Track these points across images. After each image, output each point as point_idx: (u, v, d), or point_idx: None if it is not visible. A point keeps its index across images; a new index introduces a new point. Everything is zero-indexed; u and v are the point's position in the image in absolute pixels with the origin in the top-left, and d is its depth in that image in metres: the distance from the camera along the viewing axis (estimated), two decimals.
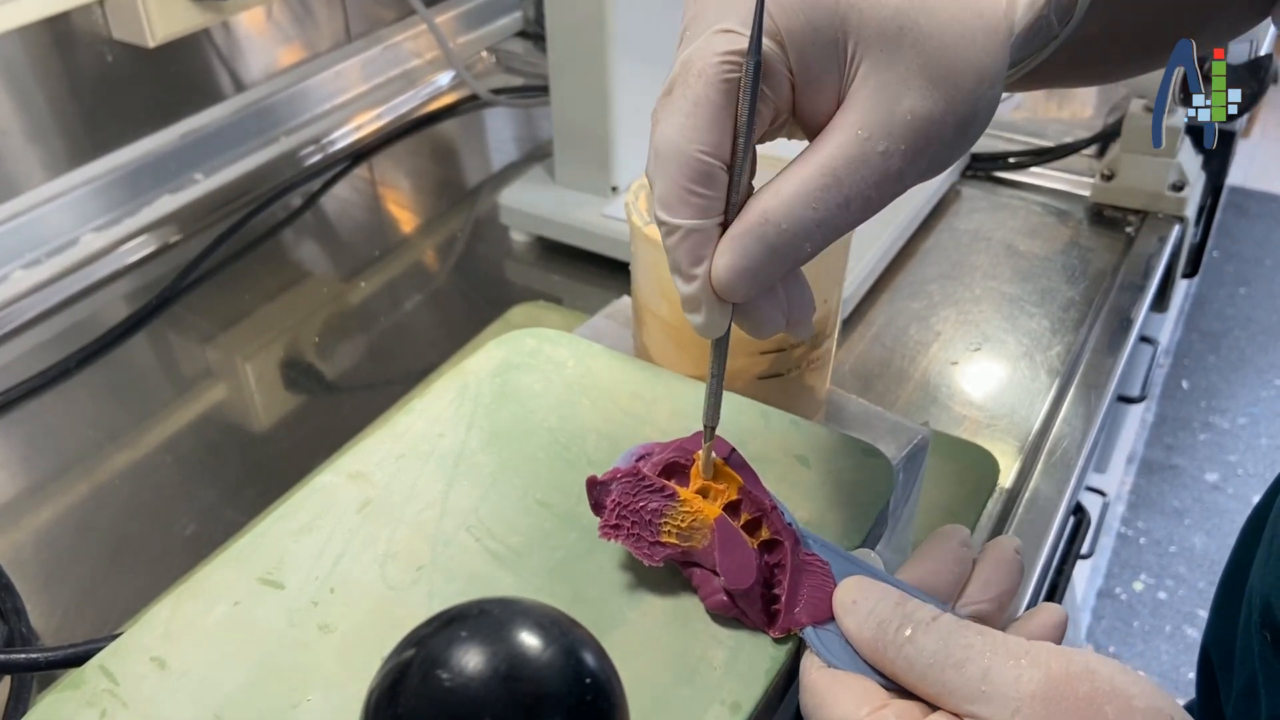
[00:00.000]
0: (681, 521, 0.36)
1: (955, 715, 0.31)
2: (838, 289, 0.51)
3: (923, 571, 0.36)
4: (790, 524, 0.36)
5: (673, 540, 0.36)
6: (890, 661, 0.32)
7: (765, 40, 0.30)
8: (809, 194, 0.31)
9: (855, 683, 0.33)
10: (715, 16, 0.31)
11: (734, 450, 0.38)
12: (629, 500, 0.36)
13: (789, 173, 0.31)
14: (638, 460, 0.38)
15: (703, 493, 0.37)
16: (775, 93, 0.31)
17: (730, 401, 0.45)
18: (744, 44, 0.30)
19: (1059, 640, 0.35)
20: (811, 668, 0.34)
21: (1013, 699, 0.30)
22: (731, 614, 0.36)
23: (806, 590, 0.35)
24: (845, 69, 0.31)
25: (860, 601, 0.34)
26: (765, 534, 0.36)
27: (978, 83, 0.31)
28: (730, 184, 0.31)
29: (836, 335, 0.53)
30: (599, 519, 0.37)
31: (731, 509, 0.37)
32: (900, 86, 0.31)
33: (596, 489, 0.37)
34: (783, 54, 0.31)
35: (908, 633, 0.32)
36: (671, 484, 0.37)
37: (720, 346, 0.34)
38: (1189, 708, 0.54)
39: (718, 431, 0.37)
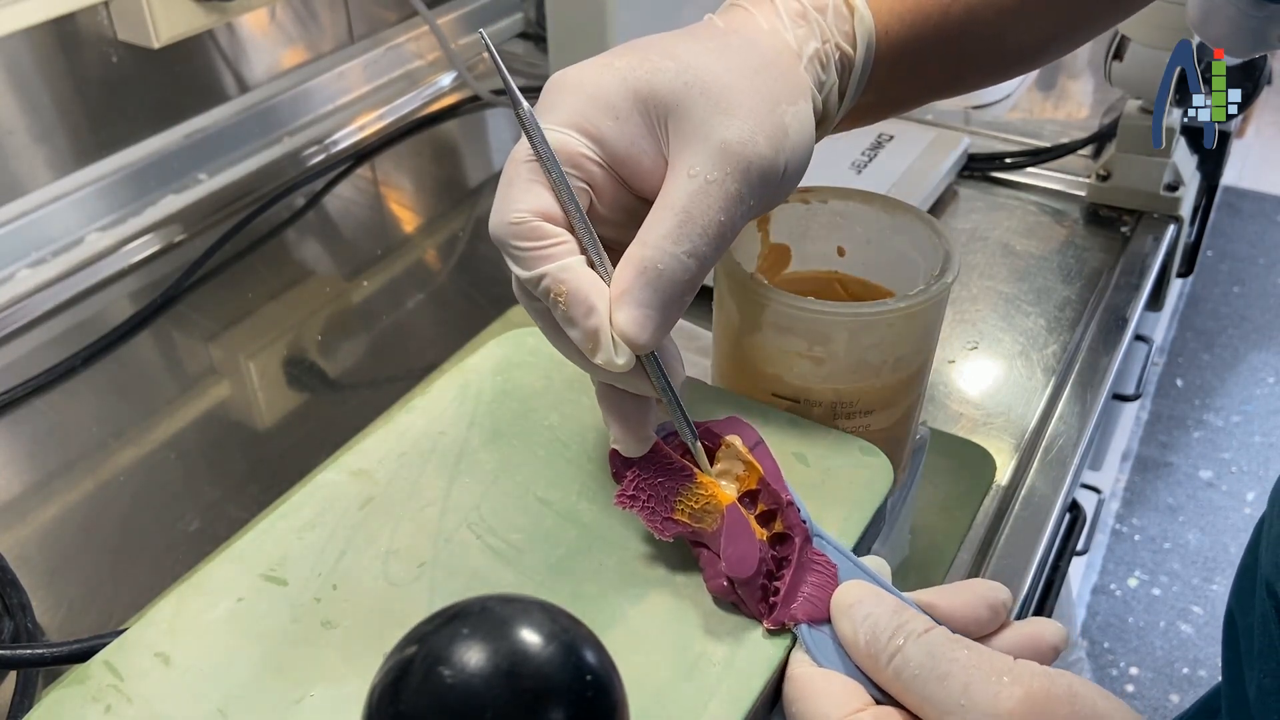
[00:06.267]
0: (695, 503, 0.36)
1: None
2: (900, 363, 0.44)
3: (939, 600, 0.34)
4: (805, 521, 0.36)
5: (684, 519, 0.37)
6: (880, 669, 0.32)
7: (569, 131, 0.35)
8: (670, 232, 0.34)
9: (838, 683, 0.33)
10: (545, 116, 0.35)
11: (761, 441, 0.38)
12: (648, 474, 0.37)
13: (648, 223, 0.34)
14: (666, 435, 0.38)
15: (723, 476, 0.37)
16: (580, 169, 0.35)
17: (733, 399, 0.46)
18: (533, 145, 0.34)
19: (1050, 660, 0.34)
20: (798, 664, 0.34)
21: (990, 715, 0.29)
22: (730, 599, 0.36)
23: (808, 588, 0.35)
24: (659, 131, 0.35)
25: (857, 606, 0.34)
26: (778, 527, 0.37)
27: (774, 102, 0.36)
28: (575, 233, 0.35)
29: (912, 424, 0.48)
30: (619, 486, 0.38)
31: (750, 498, 0.37)
32: (705, 126, 0.34)
33: (620, 458, 0.38)
34: (588, 140, 0.35)
35: (899, 642, 0.32)
36: (691, 465, 0.37)
37: (652, 364, 0.36)
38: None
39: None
